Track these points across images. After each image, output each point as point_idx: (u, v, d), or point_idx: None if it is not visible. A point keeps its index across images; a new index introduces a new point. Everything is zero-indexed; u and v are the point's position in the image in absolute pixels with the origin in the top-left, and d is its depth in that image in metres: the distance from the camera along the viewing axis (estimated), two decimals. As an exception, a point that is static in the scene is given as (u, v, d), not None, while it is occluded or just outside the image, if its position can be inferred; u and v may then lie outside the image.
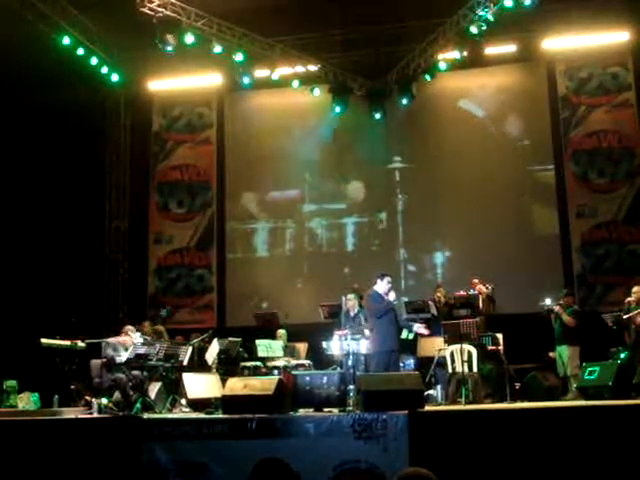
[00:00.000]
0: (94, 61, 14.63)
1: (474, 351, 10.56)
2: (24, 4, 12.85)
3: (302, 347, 12.71)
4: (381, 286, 10.26)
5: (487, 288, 12.28)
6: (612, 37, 14.54)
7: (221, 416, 8.08)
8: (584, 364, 10.22)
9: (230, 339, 12.14)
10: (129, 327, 10.82)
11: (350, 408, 8.33)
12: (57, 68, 13.85)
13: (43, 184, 14.99)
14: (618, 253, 14.34)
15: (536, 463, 6.79)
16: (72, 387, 10.60)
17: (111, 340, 10.38)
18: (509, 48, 14.77)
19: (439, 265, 14.88)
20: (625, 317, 10.90)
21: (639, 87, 14.70)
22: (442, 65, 14.39)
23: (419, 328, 10.69)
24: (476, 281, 12.38)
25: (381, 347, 9.88)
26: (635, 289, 11.12)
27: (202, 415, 8.69)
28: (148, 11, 13.27)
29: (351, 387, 8.89)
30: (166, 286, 16.05)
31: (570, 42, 14.73)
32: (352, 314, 10.90)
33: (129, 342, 10.35)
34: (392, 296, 10.33)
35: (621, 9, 13.99)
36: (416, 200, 15.31)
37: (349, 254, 15.51)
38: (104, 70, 15.03)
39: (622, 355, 10.24)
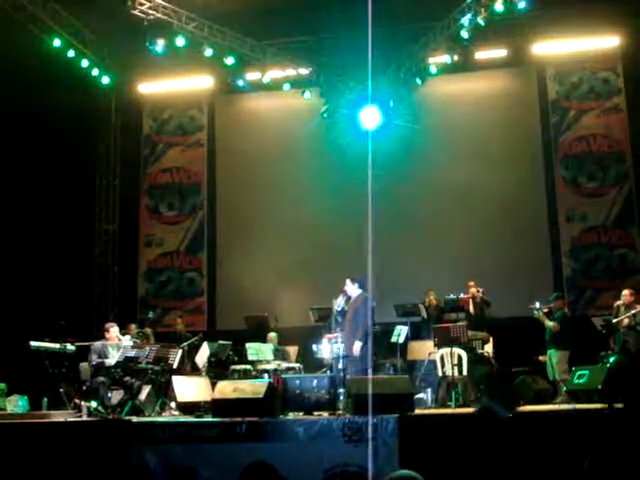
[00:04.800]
0: (85, 63, 14.63)
1: (464, 354, 10.59)
2: (14, 5, 12.83)
3: (292, 350, 12.72)
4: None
5: (479, 292, 12.37)
6: (602, 42, 14.63)
7: (211, 419, 8.08)
8: (574, 368, 10.25)
9: (220, 342, 12.15)
10: (110, 324, 10.80)
11: (340, 411, 8.33)
12: (47, 70, 13.81)
13: (33, 187, 14.90)
14: (607, 257, 14.40)
15: (525, 466, 6.79)
16: (61, 390, 10.57)
17: (97, 344, 10.35)
18: (500, 53, 14.84)
19: (431, 269, 14.85)
20: (614, 321, 10.95)
21: (629, 92, 14.76)
22: (433, 69, 14.42)
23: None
24: (471, 284, 12.45)
25: None
26: (625, 292, 11.17)
27: (192, 418, 8.68)
28: (139, 14, 13.26)
29: (341, 390, 8.90)
30: (156, 289, 16.03)
31: (560, 47, 14.83)
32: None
33: (115, 339, 10.36)
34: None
35: (611, 14, 14.04)
36: (406, 204, 15.30)
37: (340, 258, 15.48)
38: (95, 72, 15.02)
39: (611, 359, 10.26)
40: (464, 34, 13.22)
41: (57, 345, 11.05)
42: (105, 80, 15.33)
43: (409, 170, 15.42)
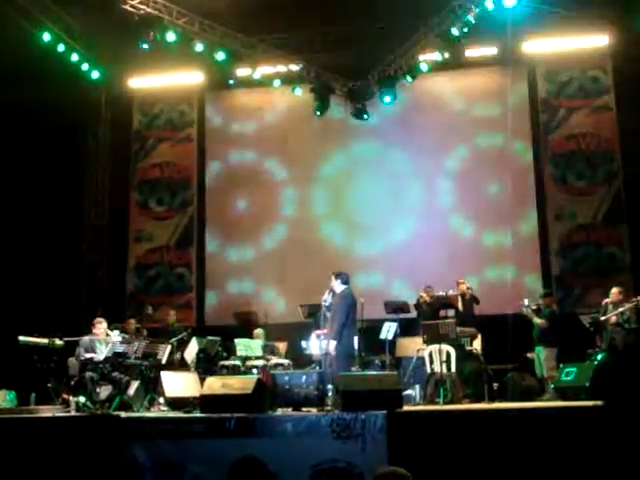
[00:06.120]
0: (75, 58, 14.55)
1: (453, 351, 10.61)
2: (4, -1, 12.77)
3: (282, 346, 12.72)
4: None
5: (468, 289, 12.41)
6: (592, 41, 14.70)
7: (199, 415, 8.06)
8: (561, 365, 10.29)
9: (209, 338, 12.14)
10: (98, 319, 10.80)
11: (329, 408, 8.34)
12: (37, 64, 13.74)
13: (21, 182, 14.86)
14: (596, 255, 14.46)
15: (512, 463, 6.83)
16: (49, 385, 10.55)
17: (85, 339, 10.34)
18: (490, 50, 14.85)
19: (419, 265, 14.87)
20: (602, 319, 11.00)
21: (618, 90, 14.81)
22: (423, 66, 14.41)
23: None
24: (461, 281, 12.49)
25: None
26: (613, 290, 11.22)
27: (180, 414, 8.66)
28: (130, 8, 13.22)
29: (330, 387, 8.90)
30: (145, 284, 15.99)
31: (551, 45, 14.87)
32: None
33: (102, 334, 10.36)
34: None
35: (601, 14, 14.10)
36: (397, 199, 15.32)
37: (330, 254, 15.48)
38: (85, 67, 14.93)
39: (599, 356, 10.30)
40: (455, 32, 13.21)
41: (45, 340, 11.02)
42: (95, 75, 15.25)
43: (399, 167, 15.47)
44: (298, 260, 15.45)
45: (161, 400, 10.29)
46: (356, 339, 11.25)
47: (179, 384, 10.62)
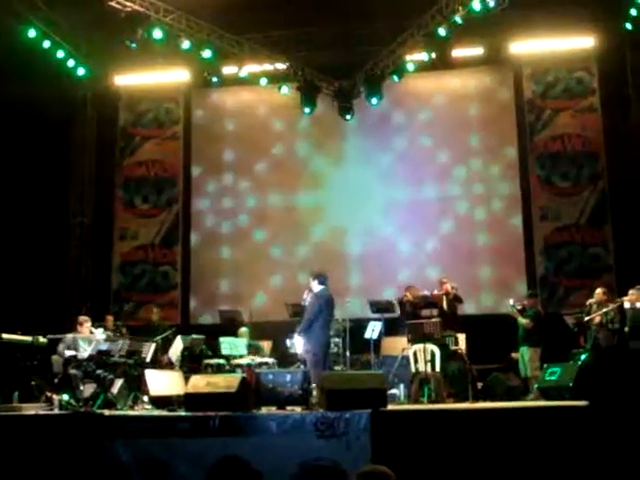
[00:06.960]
0: (60, 54, 14.48)
1: (437, 351, 10.63)
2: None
3: (267, 345, 12.72)
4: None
5: (453, 288, 12.42)
6: (577, 42, 14.77)
7: (183, 413, 8.05)
8: (545, 365, 10.33)
9: (194, 336, 12.12)
10: (83, 317, 10.77)
11: (313, 406, 8.34)
12: (22, 61, 13.66)
13: (6, 179, 14.76)
14: (580, 256, 14.52)
15: (496, 462, 6.85)
16: (33, 383, 10.49)
17: (68, 336, 10.31)
18: (477, 51, 14.88)
19: (402, 265, 14.90)
20: (586, 319, 11.05)
21: (603, 92, 14.89)
22: (410, 66, 14.44)
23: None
24: (444, 280, 12.50)
25: None
26: (597, 290, 11.29)
27: (164, 412, 8.65)
28: (116, 5, 13.16)
29: (314, 385, 8.91)
30: (130, 282, 15.93)
31: (537, 46, 14.92)
32: None
33: (87, 332, 10.33)
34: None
35: (586, 15, 14.19)
36: (383, 197, 15.34)
37: (314, 253, 15.48)
38: (70, 64, 14.87)
39: (582, 357, 10.35)
40: (441, 32, 13.23)
41: (29, 338, 10.97)
42: (81, 72, 15.19)
43: (385, 166, 15.49)
44: (285, 258, 15.45)
45: (145, 398, 10.25)
46: (338, 339, 11.33)
47: (163, 382, 10.58)
